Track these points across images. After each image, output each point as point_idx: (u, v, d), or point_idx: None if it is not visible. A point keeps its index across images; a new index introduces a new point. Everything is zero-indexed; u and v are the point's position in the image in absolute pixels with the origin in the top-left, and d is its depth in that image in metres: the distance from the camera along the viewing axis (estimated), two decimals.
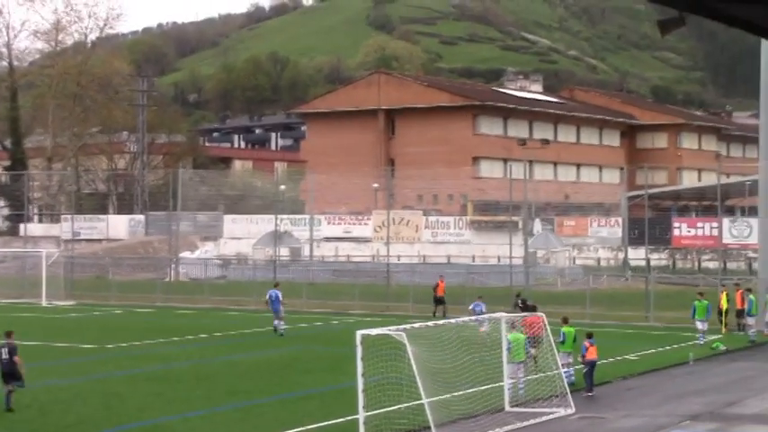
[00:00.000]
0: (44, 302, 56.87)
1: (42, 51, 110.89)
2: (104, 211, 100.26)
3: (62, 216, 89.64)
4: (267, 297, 43.50)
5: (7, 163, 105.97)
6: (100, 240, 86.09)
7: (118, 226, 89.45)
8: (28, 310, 54.44)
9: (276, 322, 42.21)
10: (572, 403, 26.29)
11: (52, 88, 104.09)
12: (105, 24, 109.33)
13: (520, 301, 40.98)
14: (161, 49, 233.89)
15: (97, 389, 28.86)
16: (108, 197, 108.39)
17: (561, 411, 25.97)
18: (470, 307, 40.18)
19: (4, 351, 25.99)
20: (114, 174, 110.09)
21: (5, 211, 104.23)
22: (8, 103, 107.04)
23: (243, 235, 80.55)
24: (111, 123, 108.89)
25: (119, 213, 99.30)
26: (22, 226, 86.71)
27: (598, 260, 76.30)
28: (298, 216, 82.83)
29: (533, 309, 34.23)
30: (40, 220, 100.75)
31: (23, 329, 44.49)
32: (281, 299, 42.71)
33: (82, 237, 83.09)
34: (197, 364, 34.29)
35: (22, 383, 26.01)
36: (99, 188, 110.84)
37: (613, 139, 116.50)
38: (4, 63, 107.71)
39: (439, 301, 48.56)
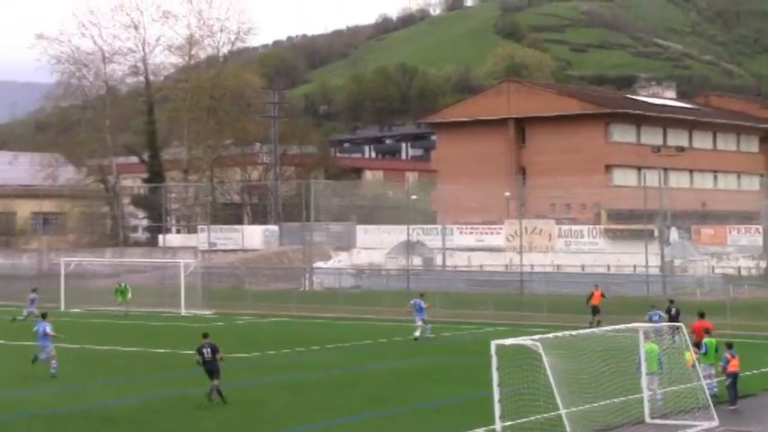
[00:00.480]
0: (183, 312, 57.98)
1: (177, 66, 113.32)
2: (239, 221, 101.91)
3: (199, 227, 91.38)
4: (411, 304, 44.21)
5: (145, 175, 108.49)
6: (235, 251, 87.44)
7: (253, 236, 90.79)
8: (168, 318, 55.63)
9: (418, 332, 43.44)
10: (715, 416, 25.69)
11: (187, 102, 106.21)
12: (237, 38, 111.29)
13: (673, 310, 40.13)
14: (291, 62, 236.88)
15: (237, 396, 29.22)
16: (242, 208, 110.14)
17: (705, 424, 25.37)
18: (648, 317, 39.28)
19: (207, 351, 28.12)
20: (248, 185, 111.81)
21: (145, 223, 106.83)
22: (145, 117, 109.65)
23: (375, 245, 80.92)
24: (244, 135, 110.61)
25: (253, 224, 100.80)
26: (160, 237, 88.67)
27: (738, 269, 74.43)
28: (429, 226, 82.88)
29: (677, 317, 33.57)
30: (178, 231, 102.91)
31: (164, 338, 45.60)
32: (423, 307, 44.20)
33: (218, 247, 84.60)
34: (334, 372, 34.52)
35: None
36: (234, 199, 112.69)
37: (752, 146, 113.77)
38: (141, 78, 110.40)
39: (595, 311, 47.99)
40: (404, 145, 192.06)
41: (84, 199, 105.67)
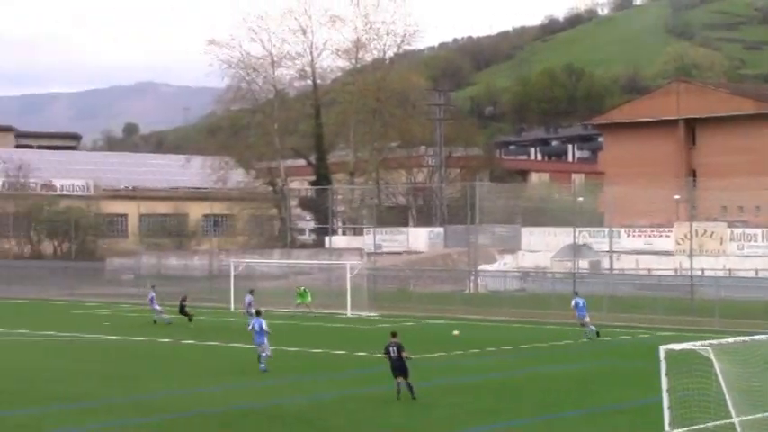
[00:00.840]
0: (349, 313, 58.51)
1: (343, 69, 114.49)
2: (404, 223, 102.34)
3: (364, 229, 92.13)
4: (573, 304, 43.99)
5: (312, 178, 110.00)
6: (400, 253, 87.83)
7: (418, 238, 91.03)
8: (334, 320, 56.22)
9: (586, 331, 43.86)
10: None
11: (353, 104, 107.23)
12: (403, 41, 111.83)
13: None
14: (457, 64, 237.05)
15: (401, 398, 29.22)
16: (408, 210, 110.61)
17: None
18: None
19: (393, 349, 28.97)
20: (413, 187, 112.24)
21: (312, 225, 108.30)
22: (313, 120, 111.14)
23: (541, 247, 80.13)
24: (409, 138, 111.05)
25: (418, 226, 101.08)
26: (326, 238, 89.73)
27: None
28: (596, 228, 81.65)
29: None
30: (344, 233, 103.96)
31: (331, 339, 46.08)
32: (581, 305, 44.78)
33: (383, 249, 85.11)
34: (500, 376, 34.28)
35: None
36: (399, 201, 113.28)
37: None
38: (309, 82, 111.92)
39: None
40: (570, 147, 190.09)
41: (252, 201, 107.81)
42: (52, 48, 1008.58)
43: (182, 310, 54.00)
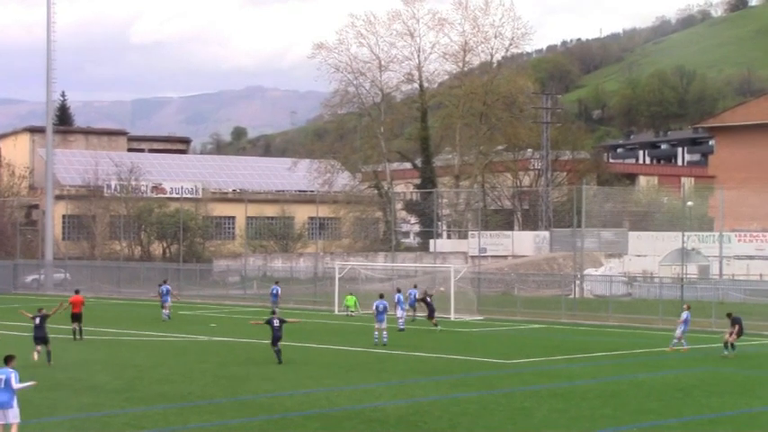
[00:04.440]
0: (452, 317, 58.35)
1: (450, 72, 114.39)
2: (510, 227, 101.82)
3: (469, 232, 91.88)
4: (684, 318, 42.97)
5: (418, 181, 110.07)
6: (505, 256, 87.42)
7: (523, 242, 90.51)
8: (438, 323, 56.06)
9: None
10: None
11: (459, 108, 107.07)
12: (511, 44, 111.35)
13: None
14: (565, 67, 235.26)
15: (503, 403, 29.11)
16: (513, 214, 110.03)
17: None
18: None
19: (276, 321, 31.75)
20: (519, 191, 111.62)
21: (416, 228, 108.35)
22: (419, 124, 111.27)
23: (648, 252, 79.02)
24: (515, 141, 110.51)
25: (524, 230, 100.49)
26: (431, 242, 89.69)
27: None
28: (706, 233, 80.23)
29: None
30: (449, 237, 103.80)
31: (434, 343, 46.00)
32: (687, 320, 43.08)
33: (488, 253, 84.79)
34: (602, 382, 33.83)
35: None
36: (504, 205, 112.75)
37: None
38: (416, 85, 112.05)
39: None
40: (680, 150, 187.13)
41: (358, 204, 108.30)
42: (165, 54, 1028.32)
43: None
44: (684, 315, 42.64)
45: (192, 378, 34.12)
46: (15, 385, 22.06)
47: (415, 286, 49.51)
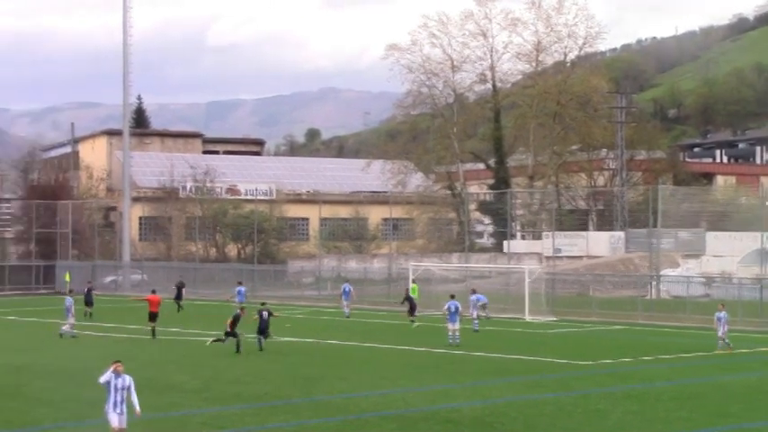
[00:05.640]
0: (527, 317, 58.12)
1: (524, 72, 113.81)
2: (584, 227, 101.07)
3: (543, 233, 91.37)
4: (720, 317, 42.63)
5: (491, 181, 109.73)
6: (580, 257, 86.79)
7: (598, 243, 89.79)
8: (512, 324, 55.90)
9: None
10: None
11: (533, 108, 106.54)
12: (584, 43, 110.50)
13: None
14: (640, 66, 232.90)
15: (579, 404, 28.91)
16: (588, 214, 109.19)
17: None
18: None
19: (265, 314, 33.85)
20: (594, 191, 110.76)
21: (490, 228, 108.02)
22: (492, 124, 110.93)
23: (726, 252, 77.92)
24: (590, 141, 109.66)
25: (598, 230, 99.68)
26: (505, 242, 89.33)
27: None
28: None
29: None
30: (523, 237, 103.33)
31: (509, 344, 45.83)
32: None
33: (563, 253, 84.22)
34: (680, 384, 33.43)
35: None
36: (579, 205, 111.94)
37: None
38: (488, 85, 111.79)
39: None
40: (758, 149, 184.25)
41: (431, 205, 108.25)
42: (241, 56, 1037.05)
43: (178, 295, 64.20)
44: (720, 314, 42.23)
45: (268, 378, 34.34)
46: (134, 395, 21.99)
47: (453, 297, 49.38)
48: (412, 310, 56.18)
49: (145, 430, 24.76)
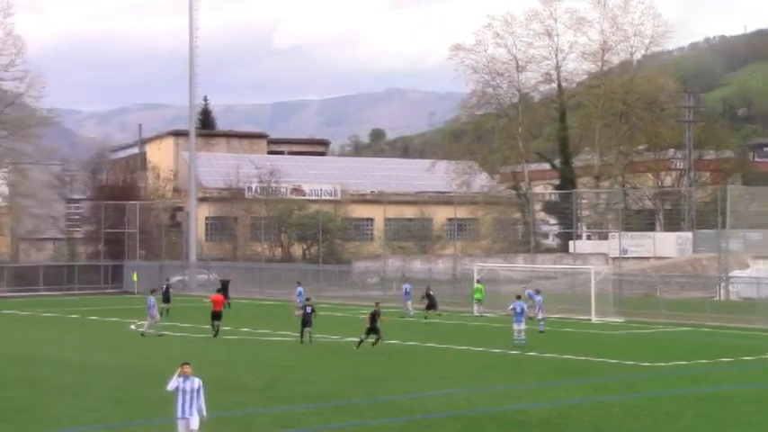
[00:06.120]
0: (593, 319, 57.62)
1: (589, 72, 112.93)
2: (651, 228, 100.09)
3: (610, 233, 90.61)
4: None
5: (557, 182, 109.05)
6: (647, 258, 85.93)
7: (665, 243, 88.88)
8: (578, 325, 55.46)
9: None
10: None
11: (599, 108, 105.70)
12: (651, 42, 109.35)
13: None
14: (708, 64, 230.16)
15: (647, 406, 28.53)
16: (655, 214, 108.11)
17: None
18: None
19: (309, 308, 35.72)
20: (661, 191, 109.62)
21: (556, 229, 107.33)
22: (557, 124, 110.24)
23: None
24: (657, 141, 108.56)
25: (666, 231, 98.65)
26: (571, 243, 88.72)
27: None
28: None
29: None
30: (589, 238, 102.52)
31: (575, 345, 45.43)
32: None
33: (629, 254, 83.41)
34: (750, 387, 32.91)
35: None
36: (646, 206, 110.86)
37: None
38: (554, 85, 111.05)
39: None
40: None
41: (496, 205, 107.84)
42: (307, 57, 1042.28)
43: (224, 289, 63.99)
44: None
45: (332, 378, 34.34)
46: (202, 398, 21.26)
47: (519, 297, 48.73)
48: (431, 306, 59.27)
49: (210, 429, 24.84)
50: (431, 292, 60.57)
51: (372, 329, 42.06)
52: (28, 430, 25.42)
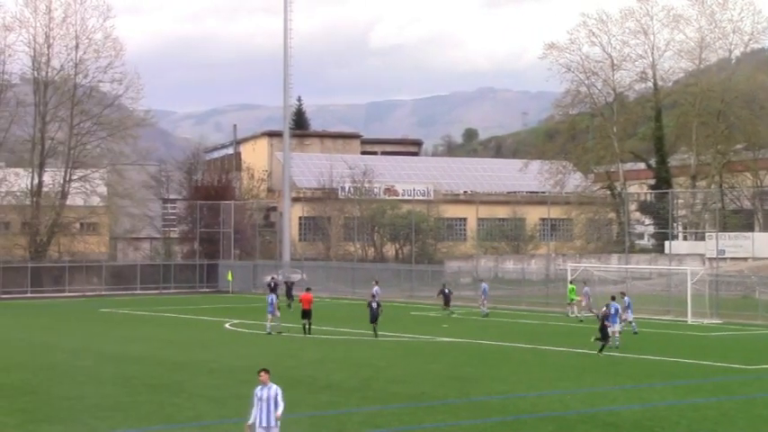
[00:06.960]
0: (689, 320, 56.88)
1: (686, 70, 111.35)
2: (750, 228, 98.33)
3: (706, 234, 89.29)
4: None
5: (652, 181, 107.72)
6: (745, 258, 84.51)
7: (764, 244, 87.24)
8: (674, 327, 54.78)
9: None
10: None
11: (695, 106, 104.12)
12: (750, 39, 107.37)
13: None
14: None
15: (743, 409, 28.13)
16: (753, 215, 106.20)
17: None
18: None
19: (374, 304, 38.68)
20: (760, 191, 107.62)
21: (651, 229, 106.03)
22: (653, 123, 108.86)
23: None
24: (755, 139, 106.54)
25: (765, 231, 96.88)
26: (666, 243, 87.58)
27: None
28: None
29: None
30: (685, 238, 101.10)
31: (670, 347, 44.89)
32: None
33: (727, 255, 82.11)
34: None
35: None
36: (744, 205, 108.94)
37: None
38: (649, 84, 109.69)
39: None
40: None
41: (590, 205, 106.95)
42: (401, 57, 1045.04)
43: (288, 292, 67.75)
44: None
45: (425, 378, 34.40)
46: (280, 407, 20.09)
47: (613, 298, 47.89)
48: (446, 303, 62.93)
49: (305, 429, 25.09)
50: (446, 290, 64.10)
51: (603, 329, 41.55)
52: (117, 427, 25.79)
